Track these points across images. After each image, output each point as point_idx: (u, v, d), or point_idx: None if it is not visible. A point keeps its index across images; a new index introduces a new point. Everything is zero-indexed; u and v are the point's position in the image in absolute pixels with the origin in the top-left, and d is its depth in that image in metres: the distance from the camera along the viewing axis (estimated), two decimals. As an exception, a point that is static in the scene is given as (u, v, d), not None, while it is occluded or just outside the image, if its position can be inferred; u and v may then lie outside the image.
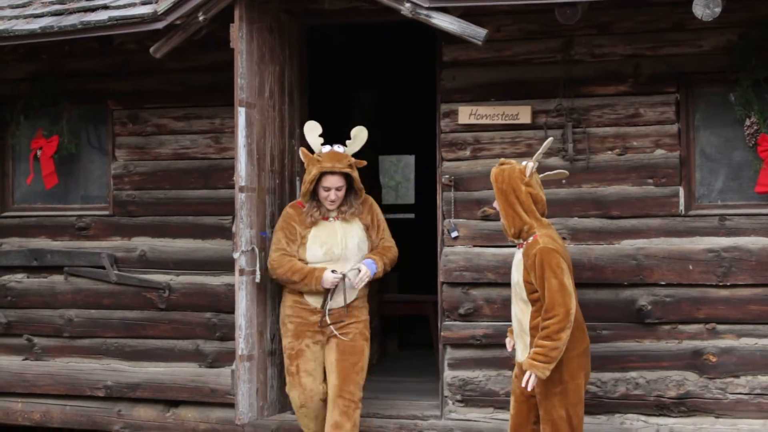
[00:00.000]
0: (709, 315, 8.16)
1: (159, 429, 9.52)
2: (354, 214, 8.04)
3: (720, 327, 8.15)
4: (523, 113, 8.45)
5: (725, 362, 8.12)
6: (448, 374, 8.64)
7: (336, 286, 7.90)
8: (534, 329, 7.14)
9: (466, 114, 8.57)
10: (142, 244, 9.61)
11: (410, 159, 20.25)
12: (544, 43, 8.44)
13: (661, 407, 8.23)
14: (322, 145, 8.00)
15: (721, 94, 8.25)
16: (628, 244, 8.29)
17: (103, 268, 9.64)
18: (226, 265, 9.08)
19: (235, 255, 8.12)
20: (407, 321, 12.77)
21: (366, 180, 11.86)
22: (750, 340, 8.10)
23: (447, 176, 8.61)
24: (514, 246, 7.48)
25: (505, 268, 8.12)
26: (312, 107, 9.41)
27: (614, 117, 8.33)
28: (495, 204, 7.40)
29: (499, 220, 7.42)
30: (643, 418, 8.27)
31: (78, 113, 9.88)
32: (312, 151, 8.03)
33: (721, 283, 8.10)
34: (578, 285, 8.28)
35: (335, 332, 7.97)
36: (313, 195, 7.98)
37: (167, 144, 9.56)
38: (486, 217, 8.42)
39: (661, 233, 8.24)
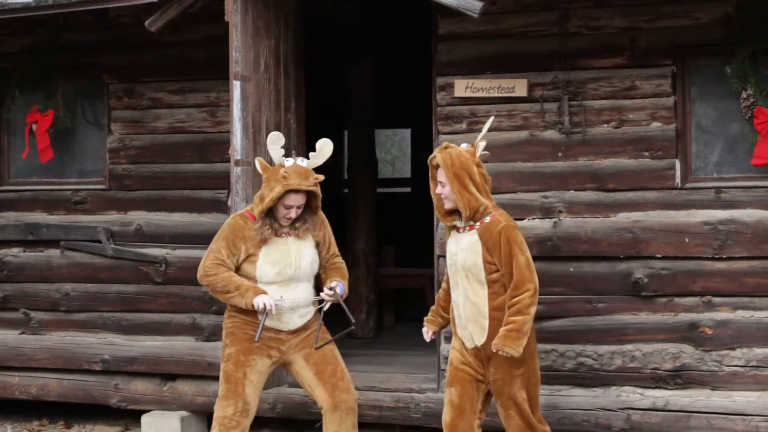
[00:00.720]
0: (705, 288, 8.16)
1: (156, 402, 9.53)
2: (308, 231, 7.44)
3: (716, 300, 8.15)
4: (519, 86, 8.44)
5: (721, 335, 8.13)
6: (445, 347, 8.64)
7: (270, 310, 7.22)
8: (495, 310, 7.01)
9: (462, 87, 8.55)
10: (139, 218, 9.61)
11: (406, 133, 20.23)
12: (540, 16, 8.41)
13: (657, 380, 8.24)
14: (284, 157, 7.41)
15: (718, 66, 8.23)
16: (624, 217, 8.29)
17: (100, 242, 9.64)
18: (222, 238, 9.07)
19: (232, 229, 8.09)
20: (404, 294, 12.78)
21: (361, 155, 11.92)
22: (746, 312, 8.10)
23: (443, 149, 8.59)
24: None
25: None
26: (308, 80, 9.39)
27: (610, 90, 8.32)
28: (440, 189, 7.14)
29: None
30: (639, 390, 8.28)
31: (73, 87, 9.88)
32: (271, 163, 7.50)
33: (717, 256, 8.10)
34: (574, 258, 8.33)
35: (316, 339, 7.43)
36: (268, 211, 7.31)
37: (163, 118, 9.55)
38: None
39: (657, 206, 8.23)
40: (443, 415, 7.31)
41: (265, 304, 7.18)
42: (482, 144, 7.21)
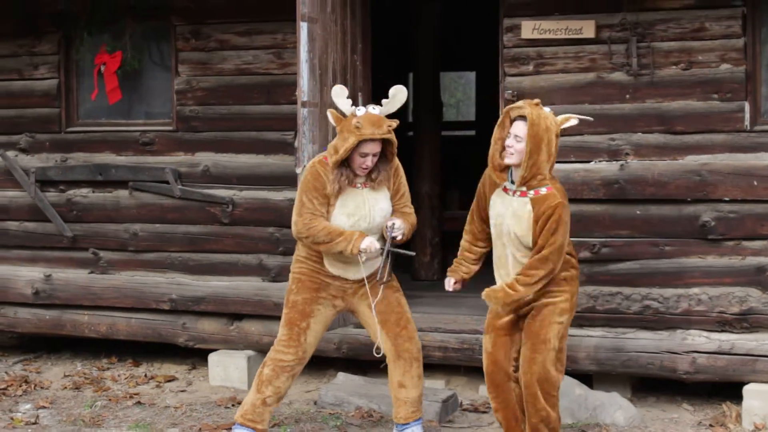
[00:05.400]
0: (774, 231, 8.12)
1: (223, 342, 9.64)
2: (383, 182, 7.31)
3: (784, 243, 8.11)
4: (586, 27, 8.38)
5: (789, 278, 8.10)
6: (510, 289, 8.66)
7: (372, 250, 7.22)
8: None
9: (529, 28, 8.51)
10: (206, 159, 9.67)
11: (471, 76, 20.17)
12: (609, -44, 8.35)
13: (723, 323, 8.21)
14: (354, 107, 7.29)
15: (790, 7, 8.14)
16: (692, 160, 8.23)
17: (167, 183, 9.72)
18: (288, 180, 9.12)
19: (298, 170, 8.12)
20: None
21: (427, 97, 11.88)
22: (814, 256, 8.06)
23: (509, 91, 8.57)
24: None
25: (566, 183, 8.10)
26: (374, 22, 9.37)
27: (679, 31, 8.24)
28: (512, 142, 6.93)
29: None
30: (705, 334, 8.26)
31: (141, 29, 9.92)
32: (343, 116, 7.29)
33: (786, 199, 8.05)
34: (641, 201, 8.29)
35: (373, 293, 7.41)
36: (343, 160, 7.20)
37: (230, 59, 9.58)
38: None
39: (725, 149, 8.17)
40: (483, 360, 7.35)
41: (369, 247, 7.15)
42: (573, 121, 7.08)
